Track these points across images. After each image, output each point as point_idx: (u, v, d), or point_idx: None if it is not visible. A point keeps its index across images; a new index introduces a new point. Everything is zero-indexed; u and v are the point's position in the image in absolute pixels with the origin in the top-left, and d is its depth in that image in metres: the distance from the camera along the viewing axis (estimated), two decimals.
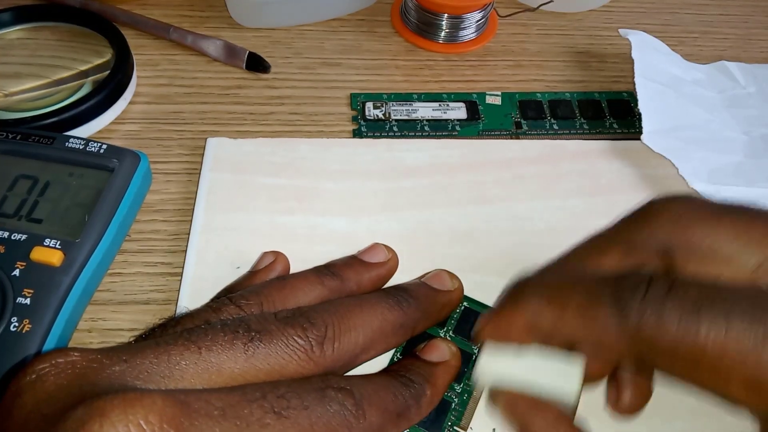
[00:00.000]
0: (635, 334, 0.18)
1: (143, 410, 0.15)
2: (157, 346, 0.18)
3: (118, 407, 0.15)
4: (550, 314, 0.20)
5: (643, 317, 0.18)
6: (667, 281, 0.18)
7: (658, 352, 0.18)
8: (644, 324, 0.18)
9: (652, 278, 0.18)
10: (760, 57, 0.41)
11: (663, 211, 0.21)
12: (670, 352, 0.17)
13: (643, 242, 0.20)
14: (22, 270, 0.25)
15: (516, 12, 0.41)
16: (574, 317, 0.19)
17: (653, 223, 0.21)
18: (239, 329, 0.19)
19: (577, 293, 0.19)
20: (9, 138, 0.29)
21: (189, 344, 0.18)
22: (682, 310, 0.17)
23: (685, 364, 0.17)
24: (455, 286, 0.25)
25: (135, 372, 0.17)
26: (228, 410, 0.16)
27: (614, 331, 0.18)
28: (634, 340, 0.18)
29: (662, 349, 0.17)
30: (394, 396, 0.20)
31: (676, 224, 0.20)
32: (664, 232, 0.20)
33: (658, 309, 0.17)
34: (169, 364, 0.17)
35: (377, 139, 0.33)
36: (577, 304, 0.19)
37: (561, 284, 0.20)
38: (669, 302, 0.17)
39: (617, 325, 0.18)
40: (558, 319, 0.20)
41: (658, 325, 0.17)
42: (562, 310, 0.19)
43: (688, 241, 0.20)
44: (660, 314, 0.17)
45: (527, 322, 0.20)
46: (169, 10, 0.40)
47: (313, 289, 0.23)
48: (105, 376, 0.16)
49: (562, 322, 0.19)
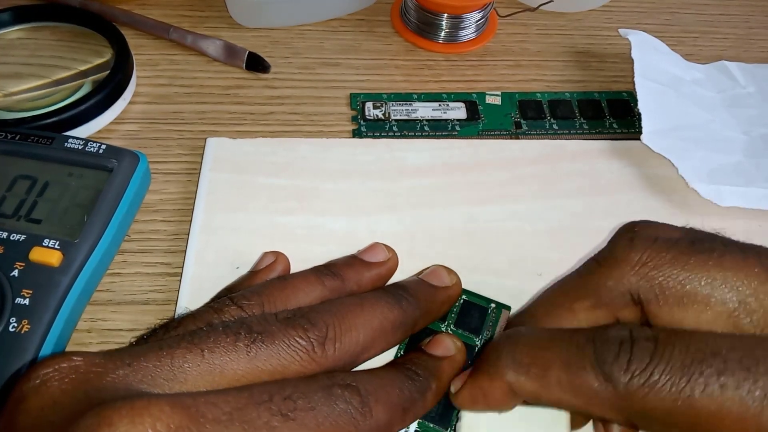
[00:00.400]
0: (625, 402, 0.17)
1: (151, 418, 0.15)
2: (159, 349, 0.18)
3: (126, 416, 0.15)
4: (531, 384, 0.19)
5: (631, 384, 0.17)
6: (649, 338, 0.17)
7: (651, 420, 0.17)
8: (633, 392, 0.17)
9: (633, 337, 0.17)
10: (760, 57, 0.41)
11: (628, 256, 0.20)
12: (663, 419, 0.17)
13: (612, 292, 0.20)
14: (20, 270, 0.25)
15: (516, 12, 0.41)
16: (557, 386, 0.18)
17: (620, 271, 0.20)
18: (241, 331, 0.19)
19: (556, 358, 0.19)
20: (8, 138, 0.29)
21: (192, 347, 0.18)
22: (672, 373, 0.16)
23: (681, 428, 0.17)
24: (453, 281, 0.25)
25: (139, 376, 0.17)
26: (235, 414, 0.16)
27: (601, 399, 0.17)
28: (623, 408, 0.17)
29: (655, 416, 0.17)
30: (400, 390, 0.20)
31: (643, 270, 0.19)
32: (633, 280, 0.19)
33: (646, 374, 0.17)
34: (172, 367, 0.17)
35: (377, 139, 0.33)
36: (558, 372, 0.18)
37: (538, 348, 0.19)
38: (656, 367, 0.17)
39: (604, 394, 0.17)
40: (540, 389, 0.19)
41: (649, 393, 0.17)
42: (542, 378, 0.19)
43: (657, 286, 0.19)
44: (649, 381, 0.17)
45: (506, 389, 0.20)
46: (168, 10, 0.40)
47: (313, 289, 0.23)
48: (109, 381, 0.16)
49: (545, 391, 0.19)
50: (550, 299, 0.22)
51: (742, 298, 0.18)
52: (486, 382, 0.20)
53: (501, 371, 0.19)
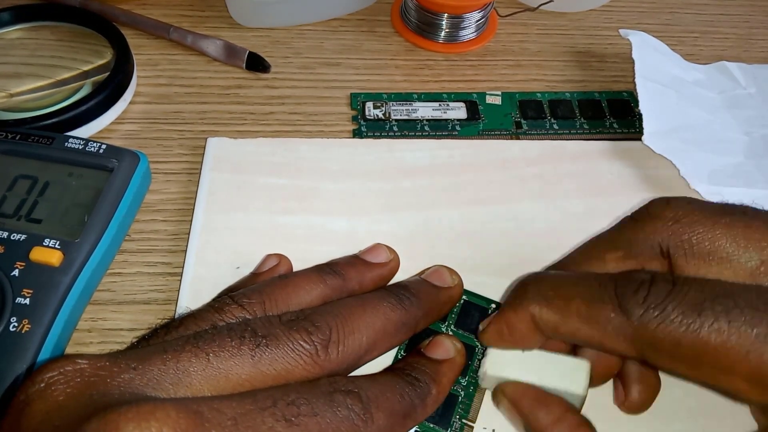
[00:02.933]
0: (637, 334, 0.18)
1: (157, 423, 0.15)
2: (165, 352, 0.18)
3: (133, 420, 0.15)
4: (552, 314, 0.20)
5: (645, 316, 0.18)
6: (668, 280, 0.18)
7: (661, 351, 0.18)
8: (646, 323, 0.18)
9: (654, 278, 0.18)
10: (760, 57, 0.41)
11: (662, 213, 0.21)
12: (672, 350, 0.17)
13: (643, 244, 0.21)
14: (21, 270, 0.25)
15: (516, 12, 0.41)
16: (576, 317, 0.19)
17: (653, 226, 0.21)
18: (245, 334, 0.19)
19: (578, 293, 0.20)
20: (9, 138, 0.29)
21: (197, 350, 0.18)
22: (684, 309, 0.17)
23: (688, 361, 0.17)
24: (455, 282, 0.25)
25: (144, 379, 0.17)
26: (240, 419, 0.16)
27: (617, 330, 0.18)
28: (636, 339, 0.18)
29: (664, 348, 0.18)
30: (401, 396, 0.20)
31: (675, 226, 0.20)
32: (663, 233, 0.20)
33: (661, 308, 0.18)
34: (177, 371, 0.17)
35: (377, 139, 0.33)
36: (579, 304, 0.19)
37: (563, 284, 0.21)
38: (671, 301, 0.18)
39: (619, 325, 0.18)
40: (560, 319, 0.20)
41: (660, 324, 0.17)
42: (564, 310, 0.20)
43: (687, 241, 0.20)
44: (662, 313, 0.17)
45: (529, 323, 0.20)
46: (168, 10, 0.40)
47: (315, 288, 0.23)
48: (115, 385, 0.16)
49: (564, 321, 0.20)
50: (584, 250, 0.23)
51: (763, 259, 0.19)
52: (511, 315, 0.21)
53: (526, 303, 0.21)
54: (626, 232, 0.22)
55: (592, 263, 0.22)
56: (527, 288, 0.21)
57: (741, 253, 0.19)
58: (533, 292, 0.21)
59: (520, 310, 0.21)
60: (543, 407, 0.21)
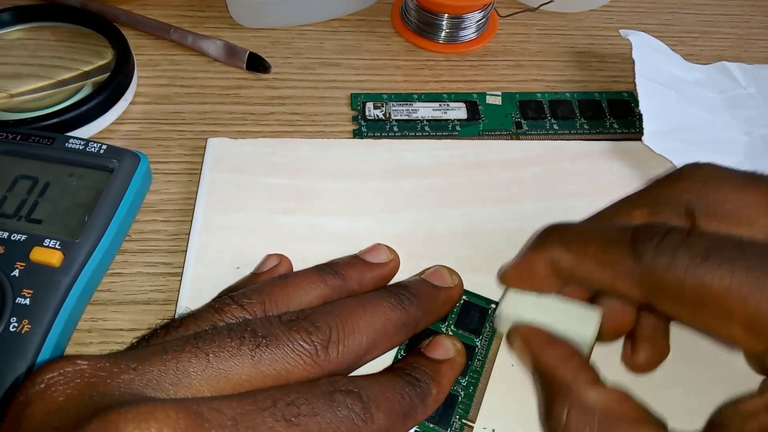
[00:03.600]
0: (645, 276, 0.19)
1: (157, 423, 0.15)
2: (164, 353, 0.18)
3: (132, 421, 0.15)
4: (570, 257, 0.21)
5: (654, 260, 0.18)
6: (683, 231, 0.19)
7: (666, 293, 0.19)
8: (655, 266, 0.18)
9: (671, 228, 0.19)
10: (760, 57, 0.41)
11: (692, 174, 0.22)
12: (676, 293, 0.18)
13: (670, 201, 0.21)
14: (21, 270, 0.25)
15: (516, 12, 0.41)
16: (592, 259, 0.20)
17: (681, 185, 0.22)
18: (245, 334, 0.19)
19: (597, 238, 0.21)
20: (9, 138, 0.29)
21: (197, 351, 0.18)
22: (693, 255, 0.18)
23: (690, 305, 0.18)
24: (455, 282, 0.25)
25: (144, 380, 0.17)
26: (240, 419, 0.16)
27: (627, 272, 0.19)
28: (644, 281, 0.19)
29: (669, 290, 0.18)
30: (401, 396, 0.20)
31: (702, 187, 0.21)
32: (691, 193, 0.21)
33: (671, 254, 0.18)
34: (177, 372, 0.17)
35: (377, 140, 0.33)
36: (596, 248, 0.20)
37: (584, 231, 0.22)
38: (682, 248, 0.18)
39: (630, 267, 0.19)
40: (577, 261, 0.21)
41: (668, 268, 0.18)
42: (581, 252, 0.21)
43: (712, 202, 0.21)
44: (671, 258, 0.18)
45: (548, 264, 0.21)
46: (169, 10, 0.40)
47: (315, 288, 0.23)
48: (115, 386, 0.16)
49: (581, 263, 0.21)
50: (612, 206, 0.24)
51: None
52: (532, 256, 0.22)
53: (547, 245, 0.22)
54: (655, 190, 0.22)
55: (619, 217, 0.23)
56: (550, 232, 0.22)
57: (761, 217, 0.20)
58: (555, 237, 0.22)
59: (540, 252, 0.22)
60: (551, 348, 0.22)
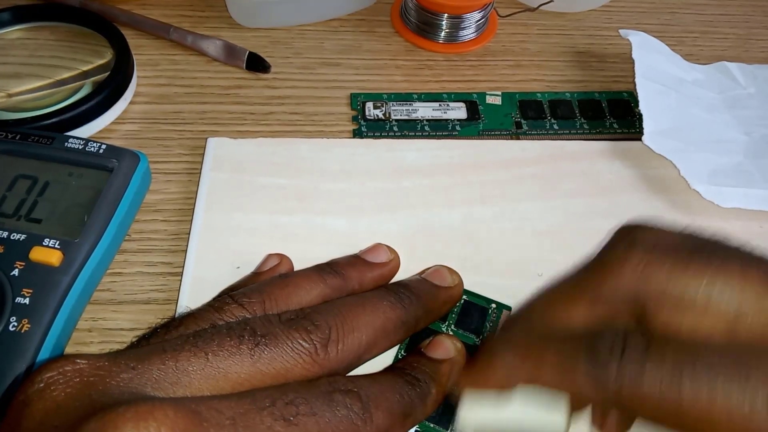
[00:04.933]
0: (615, 396, 0.17)
1: (155, 422, 0.15)
2: (164, 352, 0.18)
3: (131, 420, 0.15)
4: (525, 372, 0.19)
5: (622, 381, 0.17)
6: (642, 341, 0.17)
7: (642, 408, 0.17)
8: (624, 387, 0.17)
9: (627, 337, 0.18)
10: (760, 57, 0.41)
11: (628, 256, 0.19)
12: (653, 409, 0.17)
13: (610, 292, 0.19)
14: (21, 270, 0.25)
15: (516, 12, 0.41)
16: (550, 376, 0.19)
17: (619, 272, 0.19)
18: (244, 333, 0.19)
19: (550, 354, 0.19)
20: (8, 138, 0.29)
21: (196, 350, 0.18)
22: (663, 373, 0.17)
23: (669, 419, 0.17)
24: (455, 282, 0.25)
25: (143, 379, 0.17)
26: (238, 419, 0.16)
27: (593, 390, 0.18)
28: (614, 400, 0.17)
29: (644, 410, 0.17)
30: (400, 396, 0.20)
31: (643, 272, 0.19)
32: (631, 281, 0.19)
33: (638, 372, 0.17)
34: (176, 371, 0.17)
35: (377, 139, 0.33)
36: (552, 365, 0.19)
37: (533, 343, 0.20)
38: (648, 364, 0.17)
39: (596, 386, 0.18)
40: (534, 376, 0.19)
41: (639, 389, 0.17)
42: (537, 368, 0.19)
43: (657, 289, 0.19)
44: (640, 378, 0.17)
45: (503, 378, 0.20)
46: (168, 10, 0.40)
47: (315, 287, 0.23)
48: (114, 385, 0.16)
49: (539, 379, 0.19)
50: (548, 298, 0.22)
51: (739, 306, 0.18)
52: (486, 364, 0.20)
53: (496, 365, 0.20)
54: (592, 279, 0.20)
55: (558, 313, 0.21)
56: (497, 344, 0.20)
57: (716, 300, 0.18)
58: (504, 350, 0.20)
59: (492, 366, 0.20)
60: None
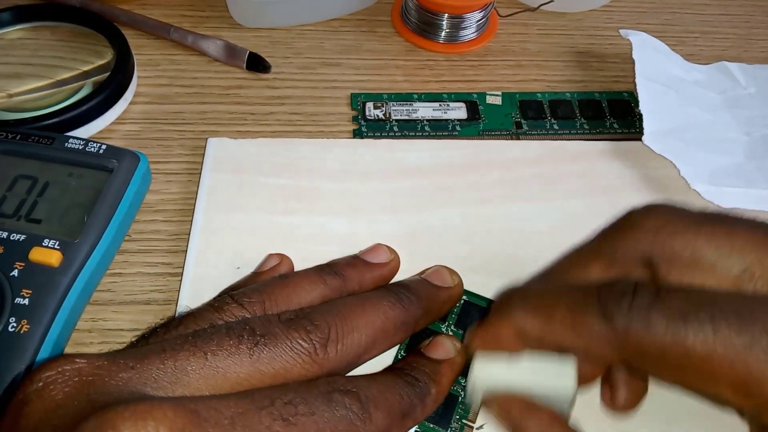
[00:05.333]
0: (622, 341, 0.18)
1: (154, 422, 0.15)
2: (163, 352, 0.18)
3: (129, 419, 0.15)
4: (537, 323, 0.20)
5: (629, 325, 0.18)
6: (652, 289, 0.18)
7: (646, 358, 0.18)
8: (631, 331, 0.18)
9: (637, 286, 0.18)
10: (760, 57, 0.41)
11: (643, 221, 0.20)
12: (657, 357, 0.17)
13: (625, 253, 0.20)
14: (20, 270, 0.25)
15: (516, 12, 0.41)
16: (560, 325, 0.19)
17: (634, 234, 0.20)
18: (244, 333, 0.19)
19: (562, 302, 0.19)
20: (8, 138, 0.29)
21: (195, 350, 0.18)
22: (669, 317, 0.17)
23: (673, 368, 0.17)
24: (455, 282, 0.25)
25: (142, 379, 0.17)
26: (237, 419, 0.16)
27: (601, 338, 0.18)
28: (621, 347, 0.18)
29: (650, 355, 0.17)
30: (400, 396, 0.20)
31: (656, 234, 0.20)
32: (646, 243, 0.20)
33: (645, 316, 0.17)
34: (175, 370, 0.17)
35: (377, 140, 0.33)
36: (563, 313, 0.19)
37: (546, 293, 0.20)
38: (655, 309, 0.17)
39: (604, 333, 0.18)
40: (545, 327, 0.20)
41: (645, 332, 0.17)
42: (548, 318, 0.20)
43: (669, 250, 0.19)
44: (646, 321, 0.17)
45: (514, 331, 0.20)
46: (169, 10, 0.40)
47: (314, 288, 0.23)
48: (113, 384, 0.16)
49: (550, 330, 0.19)
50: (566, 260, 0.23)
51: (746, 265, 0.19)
52: (496, 325, 0.21)
53: (510, 313, 0.20)
54: (607, 242, 0.21)
55: (574, 272, 0.22)
56: (511, 298, 0.21)
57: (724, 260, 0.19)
58: (517, 303, 0.21)
59: (504, 320, 0.21)
60: (531, 416, 0.21)
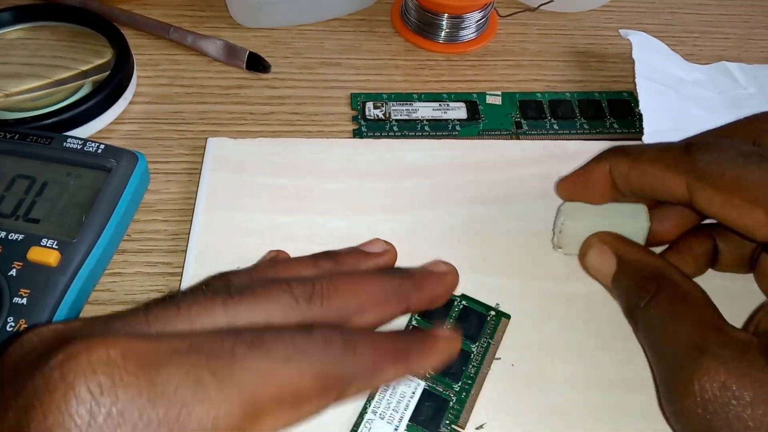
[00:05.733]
0: (691, 165, 0.22)
1: (105, 348, 0.15)
2: (137, 309, 0.18)
3: (84, 349, 0.15)
4: (627, 161, 0.24)
5: (702, 153, 0.22)
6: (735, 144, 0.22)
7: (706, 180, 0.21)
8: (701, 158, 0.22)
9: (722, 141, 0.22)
10: (760, 57, 0.40)
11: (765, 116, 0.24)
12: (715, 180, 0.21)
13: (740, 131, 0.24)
14: (18, 270, 0.25)
15: (516, 12, 0.41)
16: (646, 160, 0.23)
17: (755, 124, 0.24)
18: (219, 289, 0.19)
19: (655, 146, 0.24)
20: (7, 138, 0.29)
21: (169, 305, 0.18)
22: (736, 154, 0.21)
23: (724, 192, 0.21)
24: (449, 269, 0.25)
25: (115, 327, 0.17)
26: (197, 343, 0.16)
27: (675, 162, 0.22)
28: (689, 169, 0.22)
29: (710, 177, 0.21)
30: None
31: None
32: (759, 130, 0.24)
33: (718, 150, 0.22)
34: (148, 322, 0.17)
35: (377, 139, 0.33)
36: (651, 152, 0.24)
37: (644, 145, 0.25)
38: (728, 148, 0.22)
39: (679, 158, 0.22)
40: (632, 165, 0.24)
41: (712, 160, 0.22)
42: (638, 156, 0.24)
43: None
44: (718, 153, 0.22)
45: (605, 172, 0.24)
46: (169, 10, 0.40)
47: (306, 268, 0.22)
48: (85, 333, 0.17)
49: (636, 165, 0.24)
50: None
51: None
52: (592, 165, 0.25)
53: (607, 155, 0.25)
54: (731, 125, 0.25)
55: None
56: (612, 148, 0.25)
57: None
58: (616, 149, 0.25)
59: (599, 162, 0.25)
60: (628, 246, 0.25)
